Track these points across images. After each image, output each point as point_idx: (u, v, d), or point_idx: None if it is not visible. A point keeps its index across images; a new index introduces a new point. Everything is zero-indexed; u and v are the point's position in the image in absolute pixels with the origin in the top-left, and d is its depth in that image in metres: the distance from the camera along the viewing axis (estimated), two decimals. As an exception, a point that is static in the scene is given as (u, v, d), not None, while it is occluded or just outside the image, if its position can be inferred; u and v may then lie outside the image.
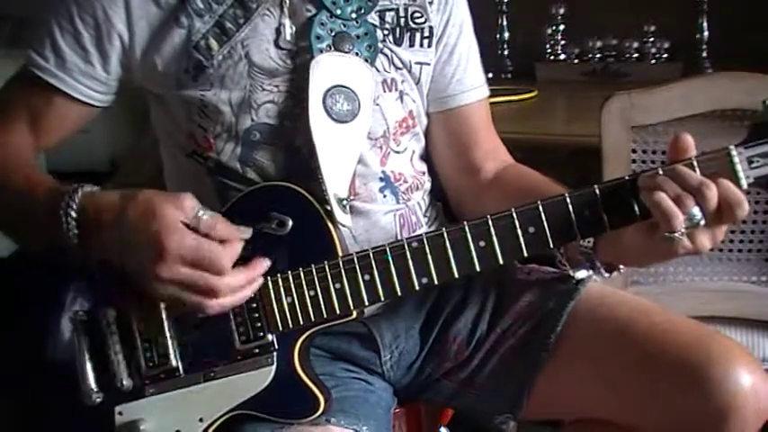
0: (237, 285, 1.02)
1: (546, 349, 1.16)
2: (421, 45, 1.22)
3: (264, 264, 1.05)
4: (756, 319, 1.63)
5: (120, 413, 1.10)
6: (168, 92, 1.17)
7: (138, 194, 1.01)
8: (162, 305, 1.07)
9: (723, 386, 1.03)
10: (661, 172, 0.98)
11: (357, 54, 1.16)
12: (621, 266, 1.10)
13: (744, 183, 0.97)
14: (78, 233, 1.04)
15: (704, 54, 2.47)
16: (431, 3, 1.23)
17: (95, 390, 1.09)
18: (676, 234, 0.96)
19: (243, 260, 1.03)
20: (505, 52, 2.68)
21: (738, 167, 0.97)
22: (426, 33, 1.23)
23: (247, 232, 1.04)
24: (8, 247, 1.18)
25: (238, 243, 1.02)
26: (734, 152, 0.97)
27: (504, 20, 2.68)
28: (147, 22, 1.14)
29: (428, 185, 1.30)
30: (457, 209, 1.32)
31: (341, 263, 1.06)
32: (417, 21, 1.22)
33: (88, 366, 1.09)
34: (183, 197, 1.00)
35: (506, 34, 2.68)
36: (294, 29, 1.15)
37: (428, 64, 1.24)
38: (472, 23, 1.30)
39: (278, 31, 1.15)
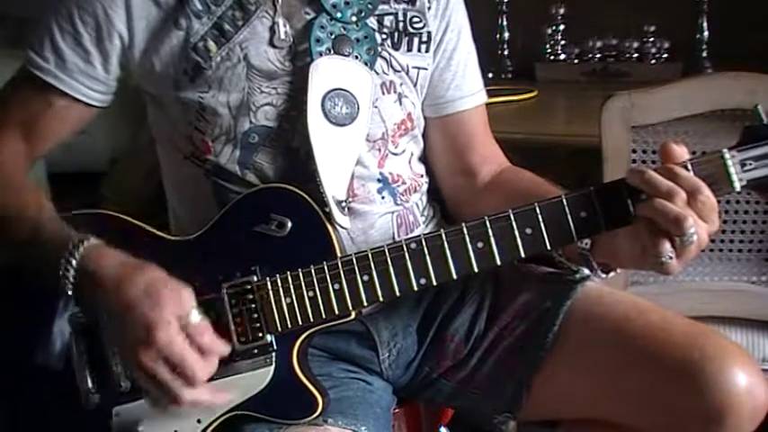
0: (199, 402, 1.03)
1: (544, 348, 1.16)
2: (419, 50, 1.22)
3: (230, 396, 1.07)
4: (756, 319, 1.64)
5: (118, 414, 1.10)
6: (166, 93, 1.16)
7: (142, 270, 1.03)
8: None
9: (718, 385, 1.03)
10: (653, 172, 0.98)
11: (357, 57, 1.16)
12: (618, 268, 1.10)
13: (737, 185, 0.98)
14: (74, 283, 1.04)
15: (704, 54, 2.47)
16: (429, 8, 1.23)
17: (93, 391, 1.10)
18: (664, 258, 0.97)
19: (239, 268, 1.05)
20: (505, 52, 2.68)
21: (732, 170, 0.98)
22: (424, 38, 1.23)
23: (227, 349, 1.05)
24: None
25: (216, 358, 1.03)
26: (727, 155, 0.98)
27: (504, 20, 2.68)
28: (147, 23, 1.14)
29: (426, 187, 1.30)
30: (454, 212, 1.32)
31: (339, 264, 1.06)
32: (416, 26, 1.22)
33: (86, 368, 1.10)
34: (184, 290, 1.02)
35: (506, 34, 2.68)
36: (288, 27, 1.15)
37: (425, 69, 1.24)
38: (472, 24, 1.30)
39: (272, 30, 1.15)
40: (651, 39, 2.53)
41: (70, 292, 1.05)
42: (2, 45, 2.64)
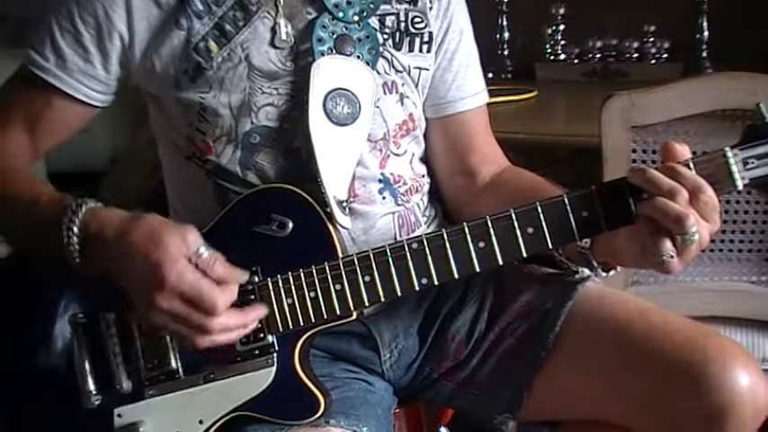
0: (229, 327, 1.02)
1: (545, 349, 1.16)
2: (420, 50, 1.22)
3: (261, 311, 1.05)
4: (756, 319, 1.64)
5: (120, 415, 1.10)
6: (166, 93, 1.16)
7: (143, 218, 1.02)
8: None
9: (720, 386, 1.03)
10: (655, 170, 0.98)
11: (359, 57, 1.16)
12: (618, 267, 1.10)
13: (739, 184, 0.98)
14: (80, 249, 1.03)
15: (704, 54, 2.48)
16: (431, 8, 1.23)
17: (94, 392, 1.10)
18: (664, 258, 0.97)
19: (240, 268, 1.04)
20: (505, 52, 2.69)
21: (734, 169, 0.98)
22: (426, 39, 1.22)
23: (244, 276, 1.04)
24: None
25: (235, 286, 1.02)
26: (729, 154, 0.98)
27: (504, 20, 2.69)
28: (148, 23, 1.14)
29: (427, 187, 1.30)
30: (454, 212, 1.32)
31: (341, 264, 1.06)
32: (417, 26, 1.22)
33: (87, 369, 1.10)
34: (188, 230, 1.01)
35: (506, 34, 2.69)
36: (290, 27, 1.15)
37: (427, 69, 1.24)
38: (473, 24, 1.31)
39: (273, 31, 1.15)
40: (651, 39, 2.54)
41: (78, 260, 1.04)
42: (2, 45, 2.64)
